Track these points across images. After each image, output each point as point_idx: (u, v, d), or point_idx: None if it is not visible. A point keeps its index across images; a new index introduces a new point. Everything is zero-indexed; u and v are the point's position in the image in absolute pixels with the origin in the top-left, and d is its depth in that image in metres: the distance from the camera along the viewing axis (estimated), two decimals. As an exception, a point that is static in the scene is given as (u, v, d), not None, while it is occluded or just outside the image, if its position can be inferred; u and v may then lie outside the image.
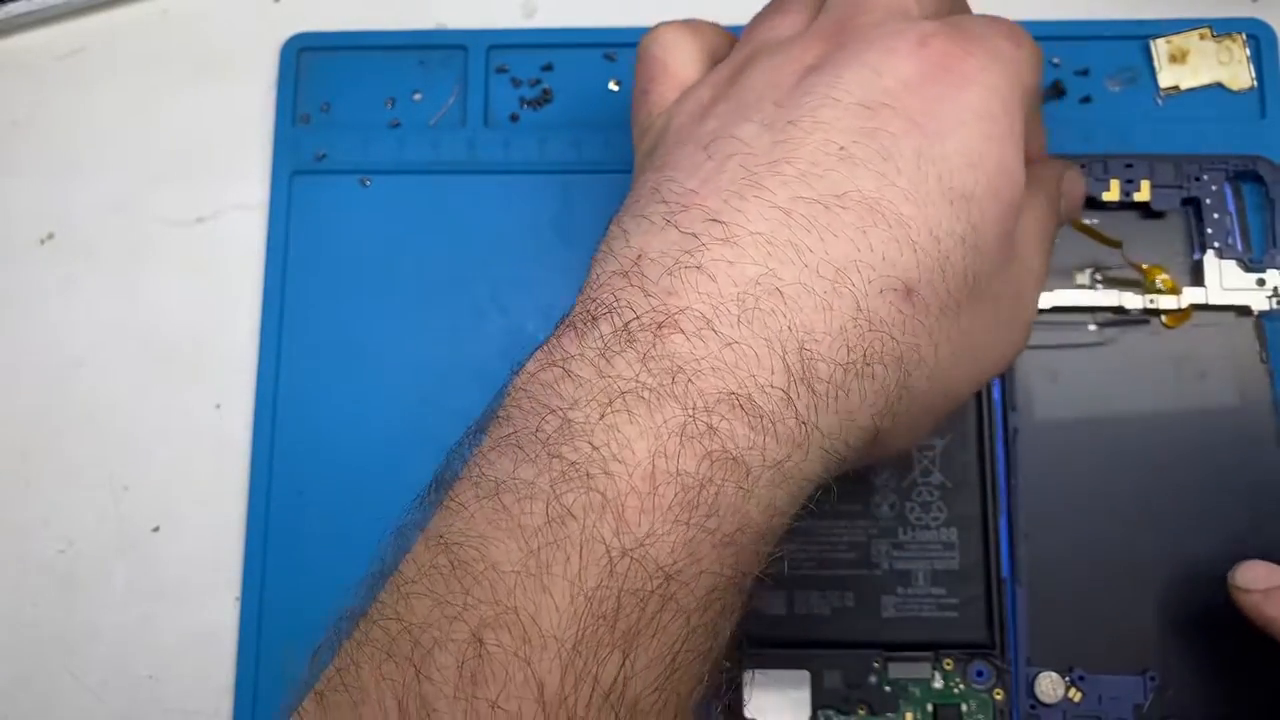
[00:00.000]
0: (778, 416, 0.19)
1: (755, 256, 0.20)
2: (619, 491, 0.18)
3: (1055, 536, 0.31)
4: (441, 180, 0.35)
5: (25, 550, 0.34)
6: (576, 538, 0.18)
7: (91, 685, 0.33)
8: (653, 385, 0.19)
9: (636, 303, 0.20)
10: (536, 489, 0.19)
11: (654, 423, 0.19)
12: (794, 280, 0.20)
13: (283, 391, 0.34)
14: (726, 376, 0.19)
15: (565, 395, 0.19)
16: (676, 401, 0.19)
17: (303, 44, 0.37)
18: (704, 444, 0.19)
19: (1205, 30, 0.34)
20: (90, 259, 0.36)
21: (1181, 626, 0.29)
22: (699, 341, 0.19)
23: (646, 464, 0.18)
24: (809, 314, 0.20)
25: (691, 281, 0.20)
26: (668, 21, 0.27)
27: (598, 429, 0.19)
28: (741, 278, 0.20)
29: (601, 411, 0.19)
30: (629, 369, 0.19)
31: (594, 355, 0.20)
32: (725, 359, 0.19)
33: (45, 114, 0.37)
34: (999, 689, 0.30)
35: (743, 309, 0.20)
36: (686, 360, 0.19)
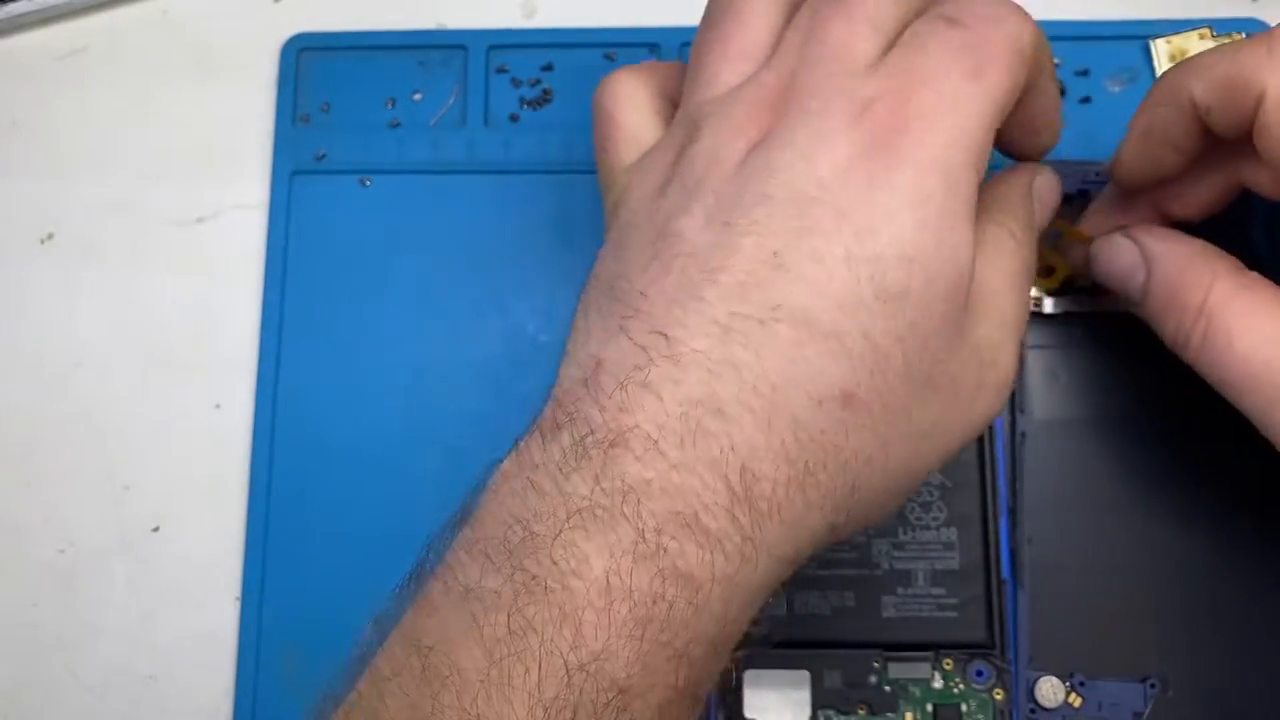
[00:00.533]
0: (724, 534, 0.20)
1: (697, 376, 0.21)
2: (576, 606, 0.19)
3: (1056, 539, 0.31)
4: (441, 180, 0.35)
5: (25, 550, 0.34)
6: (536, 650, 0.19)
7: (92, 685, 0.33)
8: (605, 505, 0.20)
9: (592, 417, 0.21)
10: (501, 599, 0.20)
11: (608, 541, 0.20)
12: (733, 399, 0.20)
13: (283, 391, 0.34)
14: (674, 498, 0.20)
15: (530, 506, 0.20)
16: (628, 521, 0.20)
17: (303, 44, 0.37)
18: (655, 563, 0.20)
19: (1205, 30, 0.34)
20: (90, 259, 0.36)
21: (1183, 633, 0.29)
22: (647, 462, 0.20)
23: (601, 580, 0.19)
24: (749, 432, 0.20)
25: (639, 400, 0.21)
26: (618, 70, 0.26)
27: (556, 544, 0.20)
28: (685, 398, 0.21)
29: (559, 527, 0.20)
30: (584, 486, 0.20)
31: (553, 468, 0.21)
32: (671, 480, 0.20)
33: (45, 114, 0.37)
34: (999, 689, 0.30)
35: (686, 430, 0.20)
36: (635, 481, 0.20)
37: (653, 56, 0.36)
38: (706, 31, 0.25)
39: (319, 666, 0.32)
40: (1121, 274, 0.27)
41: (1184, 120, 0.25)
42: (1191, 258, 0.25)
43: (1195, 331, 0.25)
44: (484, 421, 0.34)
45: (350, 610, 0.32)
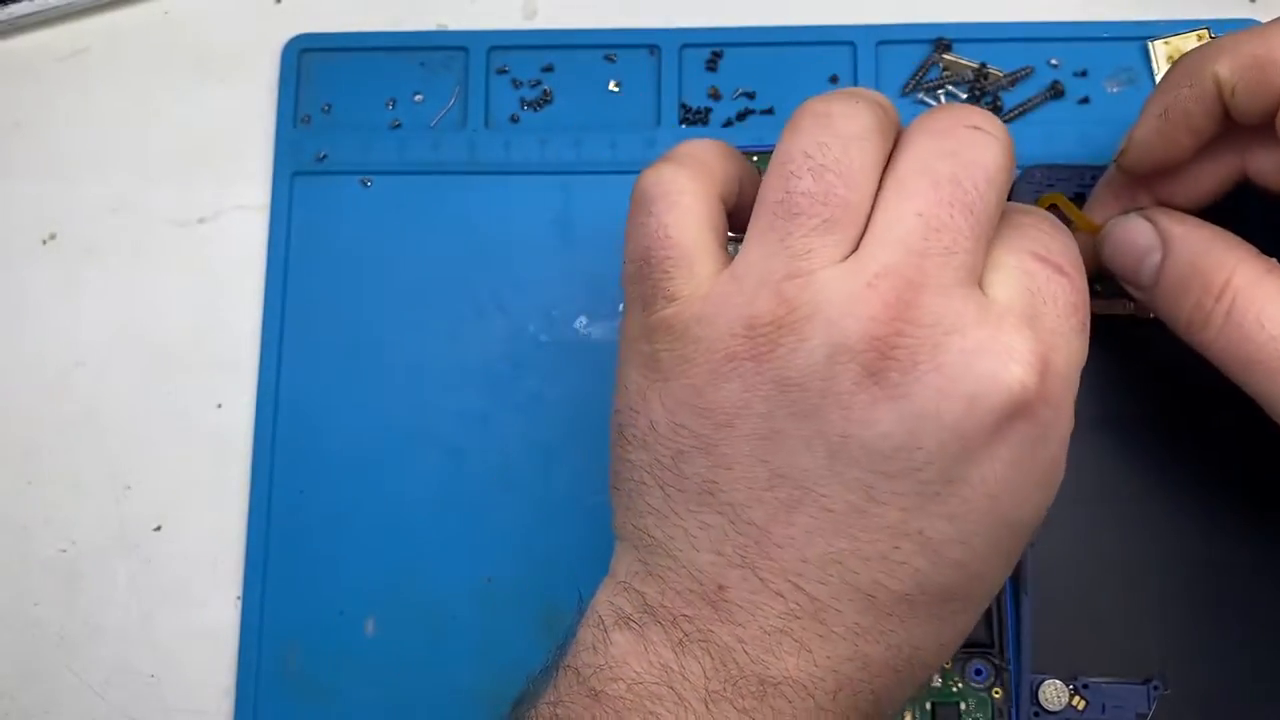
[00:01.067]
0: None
1: (846, 638, 0.21)
2: None
3: (1059, 541, 0.31)
4: (442, 181, 0.35)
5: (27, 549, 0.34)
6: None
7: (93, 684, 0.33)
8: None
9: (735, 651, 0.21)
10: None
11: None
12: (879, 658, 0.22)
13: (284, 391, 0.34)
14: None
15: (675, 716, 0.21)
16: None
17: (304, 45, 0.37)
18: None
19: (1203, 31, 0.34)
20: (92, 259, 0.36)
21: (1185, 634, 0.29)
22: (799, 707, 0.21)
23: None
24: (888, 679, 0.22)
25: (787, 648, 0.21)
26: (671, 164, 0.23)
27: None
28: (835, 655, 0.21)
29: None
30: (736, 718, 0.21)
31: (698, 689, 0.21)
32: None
33: (47, 115, 0.37)
34: (997, 688, 0.30)
35: (837, 683, 0.21)
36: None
37: (653, 58, 0.36)
38: (807, 174, 0.22)
39: (319, 666, 0.33)
40: (1137, 254, 0.26)
41: (1205, 101, 0.24)
42: (1214, 239, 0.24)
43: (1219, 310, 0.23)
44: (484, 421, 0.34)
45: (350, 610, 0.33)
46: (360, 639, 0.33)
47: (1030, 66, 0.35)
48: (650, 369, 0.23)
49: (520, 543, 0.33)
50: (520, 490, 0.33)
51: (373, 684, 0.32)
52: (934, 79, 0.35)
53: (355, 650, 0.33)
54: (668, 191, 0.23)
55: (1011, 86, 0.35)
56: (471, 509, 0.33)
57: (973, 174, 0.21)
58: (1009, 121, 0.34)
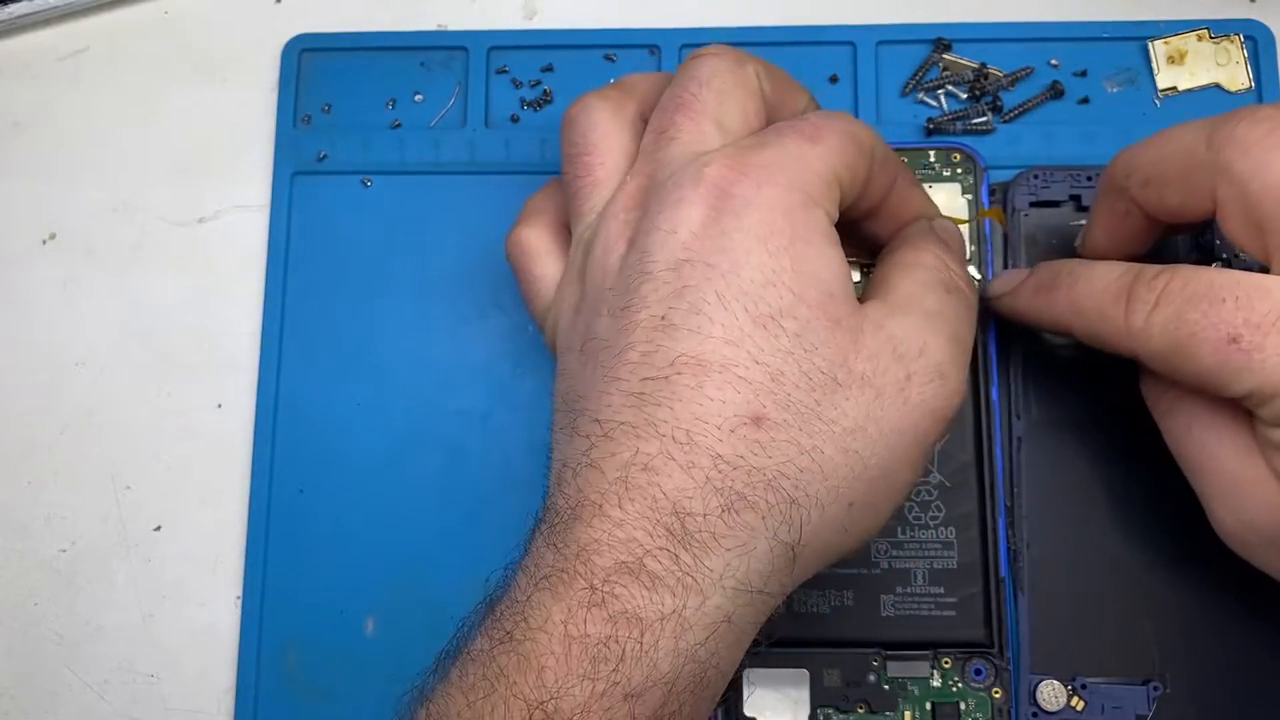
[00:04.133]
0: (667, 572, 0.22)
1: (626, 443, 0.23)
2: (539, 653, 0.22)
3: (1056, 542, 0.31)
4: (442, 181, 0.35)
5: (27, 549, 0.34)
6: (504, 692, 0.22)
7: (93, 684, 0.33)
8: (563, 567, 0.23)
9: (559, 506, 0.24)
10: (481, 655, 0.23)
11: (567, 596, 0.22)
12: (657, 452, 0.23)
13: (284, 391, 0.34)
14: (619, 550, 0.22)
15: (517, 583, 0.24)
16: (581, 578, 0.22)
17: (304, 45, 0.37)
18: (605, 609, 0.22)
19: (1203, 31, 0.34)
20: (92, 259, 0.36)
21: (1184, 634, 0.29)
22: (595, 525, 0.23)
23: (561, 629, 0.22)
24: (676, 477, 0.23)
25: (589, 479, 0.23)
26: (517, 225, 0.30)
27: (528, 605, 0.23)
28: (619, 463, 0.23)
29: (530, 592, 0.23)
30: (550, 557, 0.23)
31: (533, 552, 0.24)
32: (616, 535, 0.23)
33: (47, 115, 0.37)
34: (997, 688, 0.30)
35: (624, 490, 0.23)
36: (586, 543, 0.23)
37: (653, 58, 0.36)
38: (570, 167, 0.28)
39: (319, 665, 0.33)
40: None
41: (1137, 215, 0.27)
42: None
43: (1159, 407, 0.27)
44: (484, 421, 0.34)
45: (350, 609, 0.33)
46: (360, 639, 0.33)
47: (1030, 66, 0.35)
48: (554, 349, 0.28)
49: (520, 543, 0.33)
50: (520, 490, 0.33)
51: (373, 684, 0.32)
52: (934, 79, 0.35)
53: (355, 650, 0.33)
54: (513, 239, 0.30)
55: (1011, 86, 0.35)
56: (471, 509, 0.33)
57: (685, 84, 0.26)
58: (1009, 122, 0.34)
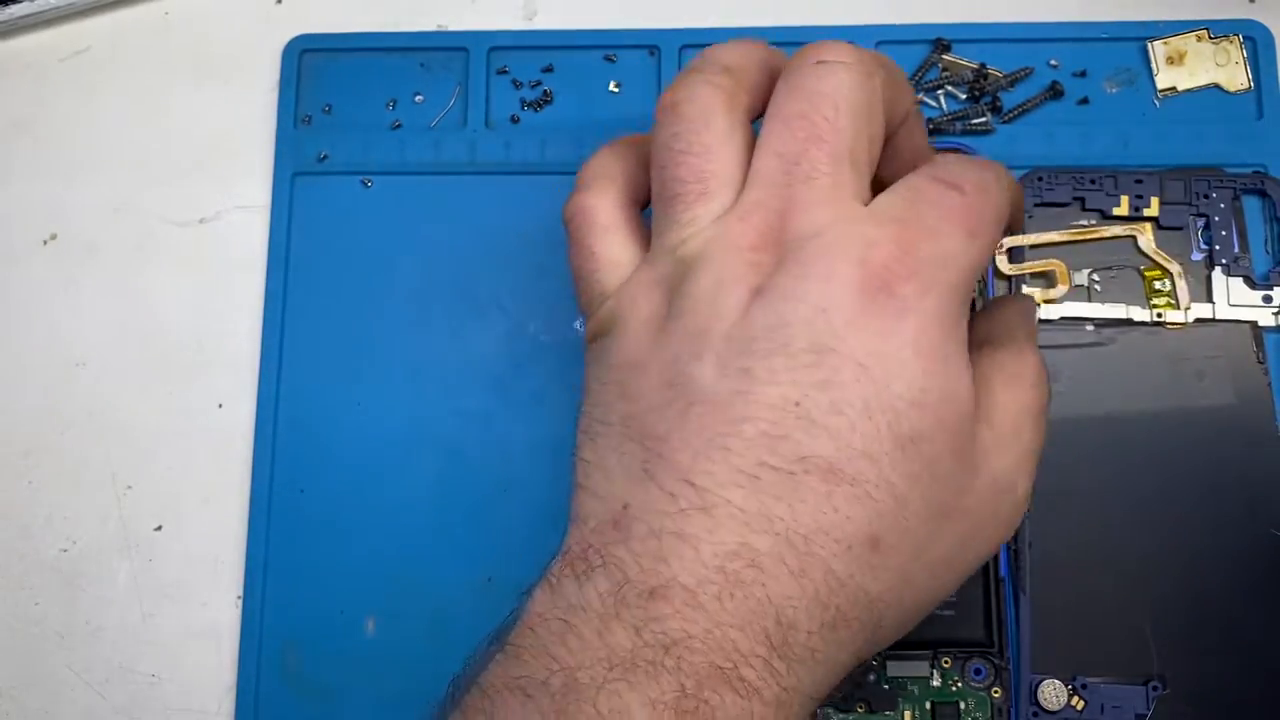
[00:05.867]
0: (763, 684, 0.21)
1: (732, 528, 0.21)
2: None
3: (1058, 542, 0.31)
4: (443, 181, 0.35)
5: (28, 549, 0.34)
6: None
7: (94, 683, 0.33)
8: (648, 658, 0.20)
9: (627, 564, 0.21)
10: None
11: (650, 694, 0.20)
12: (768, 551, 0.21)
13: (284, 391, 0.34)
14: (714, 652, 0.20)
15: (571, 649, 0.21)
16: (670, 675, 0.20)
17: (305, 45, 0.37)
18: (696, 716, 0.20)
19: (1202, 32, 0.34)
20: (93, 259, 0.36)
21: (1184, 635, 0.29)
22: (686, 616, 0.21)
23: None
24: (784, 583, 0.21)
25: (676, 550, 0.21)
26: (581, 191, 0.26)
27: (601, 694, 0.20)
28: (721, 550, 0.21)
29: (604, 677, 0.20)
30: (626, 638, 0.21)
31: (592, 615, 0.21)
32: (712, 636, 0.20)
33: (48, 115, 0.37)
34: (997, 687, 0.30)
35: (725, 583, 0.21)
36: (677, 635, 0.20)
37: (653, 58, 0.36)
38: (673, 165, 0.25)
39: (319, 665, 0.33)
40: None
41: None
42: None
43: None
44: (484, 421, 0.34)
45: (350, 609, 0.33)
46: (360, 639, 0.33)
47: (1030, 67, 0.35)
48: (593, 364, 0.25)
49: (520, 543, 0.33)
50: (520, 490, 0.33)
51: (373, 684, 0.32)
52: (934, 79, 0.35)
53: (355, 650, 0.33)
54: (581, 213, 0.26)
55: (1011, 87, 0.35)
56: (471, 509, 0.33)
57: (819, 106, 0.23)
58: (1008, 122, 0.34)
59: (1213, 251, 0.32)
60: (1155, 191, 0.32)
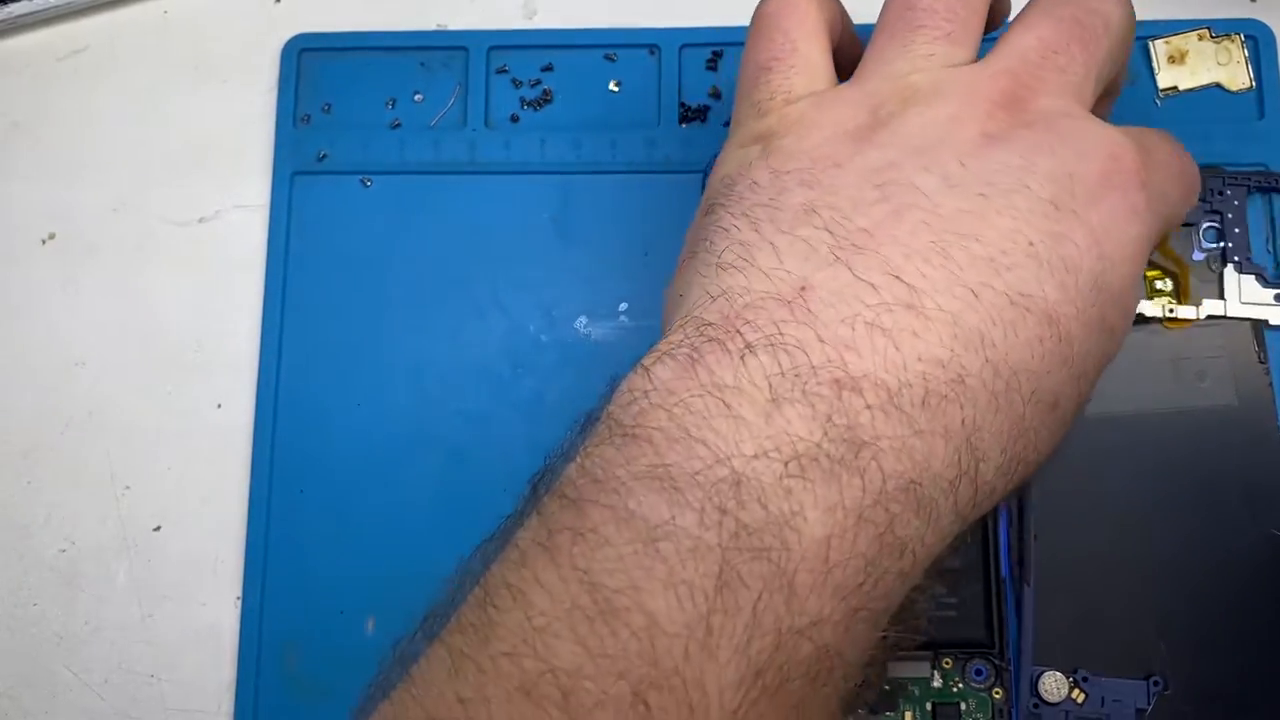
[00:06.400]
0: (941, 510, 0.19)
1: (943, 337, 0.19)
2: (793, 565, 0.18)
3: (1062, 536, 0.31)
4: (442, 181, 0.35)
5: (27, 549, 0.34)
6: (749, 608, 0.17)
7: (93, 684, 0.33)
8: (834, 455, 0.18)
9: (809, 345, 0.19)
10: (704, 545, 0.17)
11: (832, 497, 0.18)
12: (976, 373, 0.20)
13: (284, 391, 0.34)
14: (907, 461, 0.19)
15: (726, 436, 0.18)
16: (859, 479, 0.18)
17: (304, 45, 0.37)
18: (877, 528, 0.18)
19: (1204, 31, 0.34)
20: (92, 259, 0.36)
21: (1187, 632, 0.29)
22: (882, 416, 0.19)
23: (823, 541, 0.18)
24: (983, 410, 0.20)
25: (873, 343, 0.19)
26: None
27: (773, 492, 0.18)
28: (928, 355, 0.19)
29: (778, 473, 0.18)
30: (806, 428, 0.18)
31: (759, 395, 0.18)
32: (911, 444, 0.19)
33: (46, 114, 0.37)
34: (998, 688, 0.30)
35: (928, 391, 0.19)
36: (870, 434, 0.18)
37: (653, 58, 0.36)
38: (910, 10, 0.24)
39: (319, 665, 0.32)
40: None
41: None
42: None
43: None
44: (484, 421, 0.34)
45: (350, 609, 0.33)
46: (360, 639, 0.33)
47: (1030, 66, 0.34)
48: (756, 162, 0.23)
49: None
50: (520, 490, 0.33)
51: (373, 684, 0.32)
52: (934, 79, 0.35)
53: (355, 650, 0.32)
54: (795, 9, 0.24)
55: (1012, 86, 0.34)
56: (471, 509, 0.33)
57: (1092, 19, 0.24)
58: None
59: (1225, 249, 0.32)
60: None
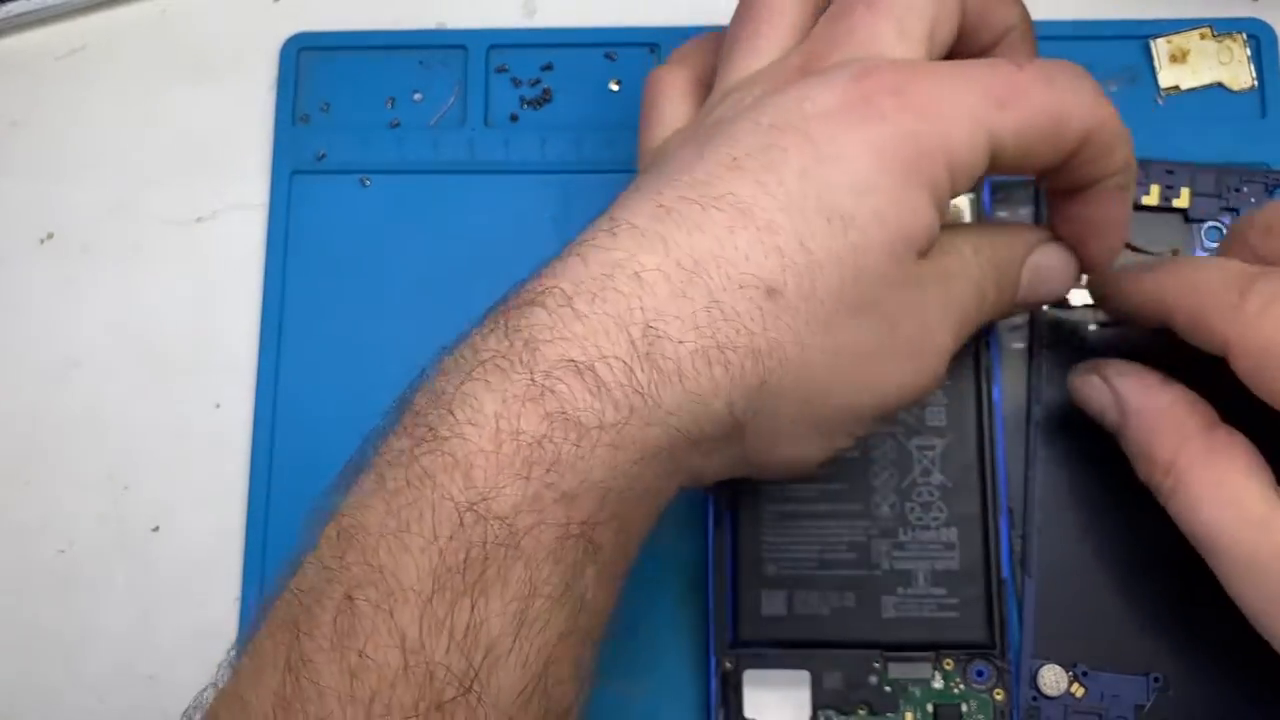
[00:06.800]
0: (616, 384, 0.21)
1: (625, 244, 0.22)
2: (469, 452, 0.20)
3: (1064, 533, 0.31)
4: (441, 180, 0.35)
5: (25, 550, 0.34)
6: (430, 497, 0.20)
7: (92, 685, 0.33)
8: (507, 354, 0.21)
9: (525, 286, 0.23)
10: (403, 455, 0.21)
11: (503, 387, 0.21)
12: (654, 267, 0.22)
13: (282, 391, 0.34)
14: (571, 345, 0.21)
15: (446, 373, 0.22)
16: (524, 367, 0.21)
17: (302, 44, 0.36)
18: (543, 405, 0.21)
19: (1205, 30, 0.34)
20: (90, 259, 0.36)
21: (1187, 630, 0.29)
22: (555, 316, 0.21)
23: (492, 424, 0.21)
24: (663, 299, 0.22)
25: (569, 266, 0.22)
26: (666, 62, 0.29)
27: (457, 396, 0.21)
28: (607, 261, 0.22)
29: (462, 380, 0.21)
30: (494, 342, 0.22)
31: (474, 336, 0.22)
32: (574, 330, 0.21)
33: (44, 114, 0.37)
34: (999, 689, 0.30)
35: (600, 288, 0.22)
36: (539, 330, 0.21)
37: (653, 56, 0.36)
38: (739, 24, 0.27)
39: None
40: (1098, 414, 0.28)
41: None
42: (1162, 415, 0.26)
43: (1164, 487, 0.26)
44: (484, 421, 0.33)
45: (350, 610, 0.33)
46: (360, 640, 0.32)
47: (1032, 65, 0.34)
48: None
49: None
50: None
51: (372, 685, 0.32)
52: (935, 78, 0.35)
53: (355, 651, 0.32)
54: (655, 73, 0.29)
55: (1013, 85, 0.34)
56: (471, 509, 0.33)
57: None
58: (1010, 120, 0.34)
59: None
60: (1186, 182, 0.32)
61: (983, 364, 0.31)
